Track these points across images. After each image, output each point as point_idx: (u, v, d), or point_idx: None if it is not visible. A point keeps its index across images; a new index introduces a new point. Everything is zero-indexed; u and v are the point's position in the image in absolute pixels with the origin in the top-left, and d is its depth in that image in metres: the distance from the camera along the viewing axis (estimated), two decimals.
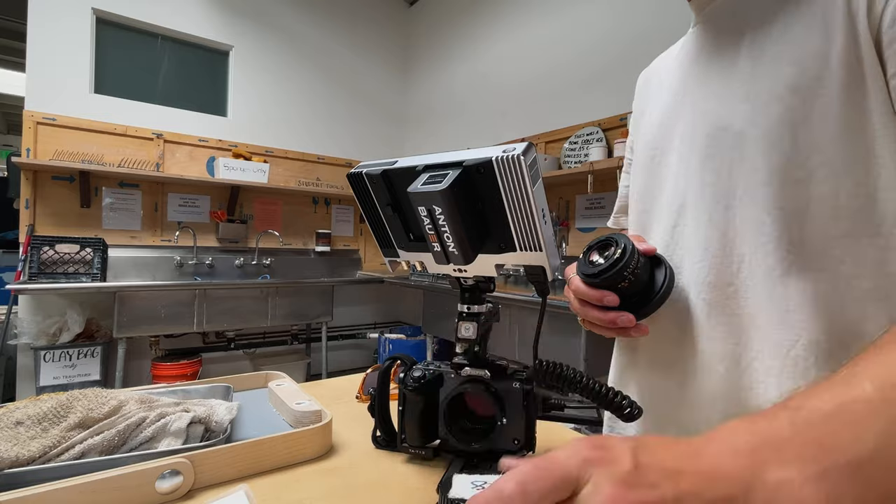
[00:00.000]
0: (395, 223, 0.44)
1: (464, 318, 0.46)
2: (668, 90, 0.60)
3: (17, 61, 5.40)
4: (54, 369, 2.45)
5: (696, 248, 0.51)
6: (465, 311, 0.47)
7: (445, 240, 0.38)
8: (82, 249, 2.60)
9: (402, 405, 0.49)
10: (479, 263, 0.41)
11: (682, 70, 0.58)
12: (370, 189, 0.44)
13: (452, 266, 0.42)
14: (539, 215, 0.37)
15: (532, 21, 3.06)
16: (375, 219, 0.46)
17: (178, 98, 3.22)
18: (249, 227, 3.42)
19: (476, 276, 0.44)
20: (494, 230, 0.39)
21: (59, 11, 2.76)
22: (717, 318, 0.49)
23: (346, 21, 3.94)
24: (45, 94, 2.72)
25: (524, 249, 0.39)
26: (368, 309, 4.03)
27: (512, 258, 0.40)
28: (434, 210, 0.36)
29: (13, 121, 6.96)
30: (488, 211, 0.38)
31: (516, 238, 0.38)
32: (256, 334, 3.42)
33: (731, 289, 0.48)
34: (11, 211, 2.82)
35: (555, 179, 2.64)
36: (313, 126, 3.77)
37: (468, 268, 0.41)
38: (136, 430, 0.50)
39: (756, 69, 0.47)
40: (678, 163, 0.55)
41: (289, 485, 0.47)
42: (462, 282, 0.46)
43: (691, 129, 0.53)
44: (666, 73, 0.62)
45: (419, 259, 0.45)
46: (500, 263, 0.41)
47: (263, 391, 0.75)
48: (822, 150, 0.42)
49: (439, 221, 0.37)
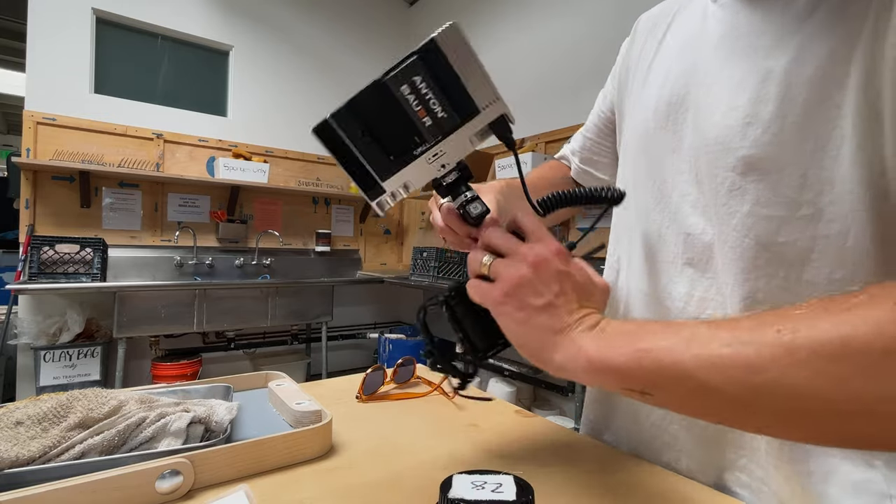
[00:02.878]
0: (372, 149, 0.44)
1: (468, 202, 0.47)
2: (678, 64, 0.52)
3: (17, 61, 5.40)
4: (54, 369, 2.45)
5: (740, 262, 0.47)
6: (464, 199, 0.47)
7: (433, 106, 0.42)
8: (82, 249, 2.60)
9: (456, 321, 0.47)
10: (455, 143, 0.44)
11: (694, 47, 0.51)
12: (339, 130, 0.44)
13: (436, 166, 0.45)
14: (485, 71, 0.42)
15: (532, 21, 3.06)
16: (353, 161, 0.45)
17: (178, 98, 3.22)
18: (249, 227, 3.42)
19: (458, 163, 0.46)
20: (459, 101, 0.43)
21: (59, 11, 2.76)
22: None
23: (347, 21, 3.94)
24: (45, 94, 2.72)
25: (485, 107, 0.43)
26: (368, 309, 4.03)
27: (479, 121, 0.43)
28: (415, 81, 0.41)
29: (13, 121, 6.96)
30: (447, 85, 0.42)
31: (476, 99, 0.43)
32: (256, 334, 3.42)
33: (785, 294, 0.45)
34: (11, 211, 2.82)
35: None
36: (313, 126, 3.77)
37: (447, 150, 0.44)
38: (136, 430, 0.50)
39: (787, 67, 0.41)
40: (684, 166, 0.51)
41: (289, 485, 0.47)
42: (446, 181, 0.47)
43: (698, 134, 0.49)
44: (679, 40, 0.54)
45: (404, 180, 0.45)
46: (471, 135, 0.44)
47: (263, 391, 0.75)
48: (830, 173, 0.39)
49: (422, 90, 0.41)
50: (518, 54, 3.15)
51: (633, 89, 0.60)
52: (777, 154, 0.41)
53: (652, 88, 0.55)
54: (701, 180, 0.48)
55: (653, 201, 0.54)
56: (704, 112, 0.47)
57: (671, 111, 0.52)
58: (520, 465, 0.53)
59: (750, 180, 0.43)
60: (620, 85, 0.64)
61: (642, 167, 0.56)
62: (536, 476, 0.50)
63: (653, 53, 0.58)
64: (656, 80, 0.55)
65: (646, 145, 0.56)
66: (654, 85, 0.55)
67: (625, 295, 0.59)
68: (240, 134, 3.42)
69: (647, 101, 0.55)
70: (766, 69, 0.42)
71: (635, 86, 0.60)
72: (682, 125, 0.51)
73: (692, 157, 0.49)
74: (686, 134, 0.50)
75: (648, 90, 0.56)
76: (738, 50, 0.45)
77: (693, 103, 0.49)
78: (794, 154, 0.40)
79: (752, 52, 0.44)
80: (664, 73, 0.54)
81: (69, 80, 2.80)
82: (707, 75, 0.48)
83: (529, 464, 0.53)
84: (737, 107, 0.44)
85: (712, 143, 0.46)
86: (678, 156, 0.51)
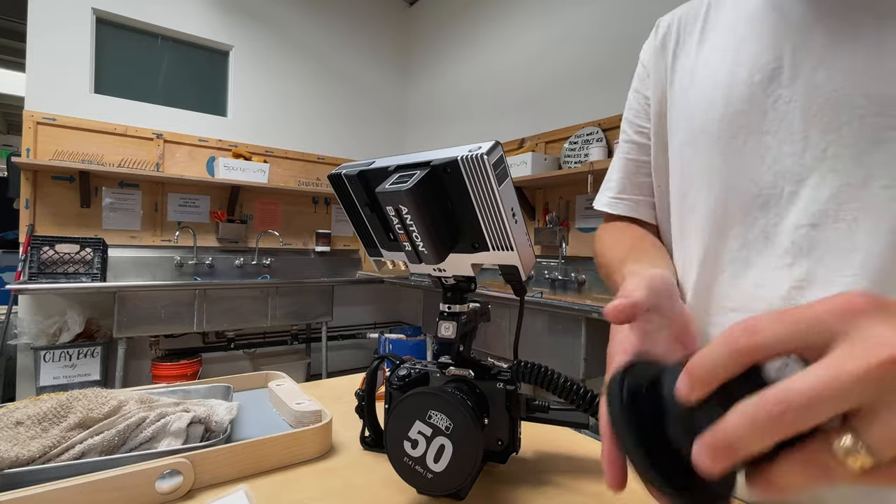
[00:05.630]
0: (374, 223, 0.43)
1: (444, 318, 0.46)
2: (753, 49, 0.47)
3: (17, 61, 5.40)
4: (54, 369, 2.45)
5: (845, 260, 0.39)
6: (445, 310, 0.46)
7: (415, 239, 0.38)
8: (82, 249, 2.60)
9: (388, 403, 0.48)
10: (454, 263, 0.41)
11: (778, 28, 0.45)
12: (350, 190, 0.43)
13: (431, 266, 0.42)
14: (508, 215, 0.37)
15: (532, 21, 3.06)
16: (358, 219, 0.45)
17: (178, 98, 3.22)
18: (249, 227, 3.42)
19: (456, 276, 0.43)
20: (467, 230, 0.39)
21: (59, 11, 2.76)
22: None
23: (346, 21, 3.94)
24: (45, 94, 2.72)
25: (496, 249, 0.38)
26: (368, 309, 4.03)
27: (486, 257, 0.39)
28: (401, 210, 0.37)
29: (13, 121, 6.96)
30: (459, 210, 0.38)
31: (488, 238, 0.38)
32: (256, 334, 3.42)
33: None
34: (11, 211, 2.82)
35: (555, 179, 2.65)
36: (313, 126, 3.77)
37: (445, 267, 0.41)
38: (136, 430, 0.50)
39: None
40: (808, 147, 0.42)
41: (289, 485, 0.47)
42: (443, 281, 0.45)
43: (832, 112, 0.41)
44: (742, 25, 0.49)
45: (402, 258, 0.44)
46: (476, 263, 0.40)
47: (263, 391, 0.75)
48: None
49: (407, 220, 0.37)
50: (518, 55, 3.15)
51: (688, 86, 0.53)
52: None
53: (730, 75, 0.48)
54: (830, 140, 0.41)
55: (745, 195, 0.46)
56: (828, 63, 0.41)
57: (757, 90, 0.45)
58: (522, 456, 0.52)
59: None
60: (660, 90, 0.58)
61: (716, 162, 0.49)
62: (537, 468, 0.50)
63: (700, 46, 0.53)
64: (730, 67, 0.48)
65: (729, 137, 0.48)
66: (732, 71, 0.48)
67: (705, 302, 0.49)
68: (240, 134, 3.42)
69: (728, 88, 0.48)
70: None
71: (689, 82, 0.53)
72: (779, 98, 0.44)
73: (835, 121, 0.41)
74: (796, 95, 0.43)
75: (703, 85, 0.51)
76: None
77: (796, 68, 0.43)
78: None
79: None
80: (738, 55, 0.48)
81: (69, 80, 2.80)
82: (805, 47, 0.42)
83: (526, 452, 0.53)
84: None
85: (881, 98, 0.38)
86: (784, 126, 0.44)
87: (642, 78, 0.61)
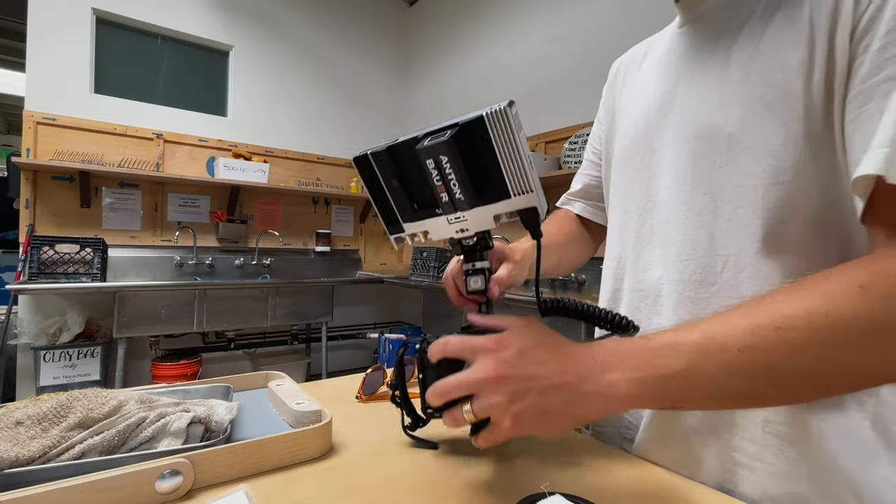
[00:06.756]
0: (399, 195, 0.47)
1: (471, 274, 0.50)
2: (655, 87, 0.60)
3: (17, 61, 5.40)
4: (54, 369, 2.45)
5: (681, 247, 0.54)
6: (471, 267, 0.50)
7: (452, 187, 0.43)
8: (82, 249, 2.60)
9: (422, 373, 0.50)
10: (478, 216, 0.45)
11: (669, 70, 0.58)
12: (376, 168, 0.47)
13: (455, 228, 0.46)
14: (527, 160, 0.41)
15: (532, 21, 3.06)
16: (381, 198, 0.49)
17: (178, 98, 3.22)
18: (249, 227, 3.42)
19: (477, 232, 0.47)
20: (490, 182, 0.43)
21: (59, 11, 2.76)
22: (700, 314, 0.51)
23: (346, 21, 3.94)
24: (45, 94, 2.72)
25: (517, 194, 0.43)
26: (368, 309, 4.03)
27: (507, 206, 0.44)
28: (441, 160, 0.42)
29: (13, 121, 6.96)
30: (483, 164, 0.43)
31: (510, 185, 0.42)
32: (256, 334, 3.42)
33: (714, 287, 0.51)
34: (11, 211, 2.82)
35: (555, 179, 2.64)
36: (313, 126, 3.77)
37: (469, 218, 0.45)
38: (136, 430, 0.50)
39: (747, 75, 0.48)
40: (667, 162, 0.56)
41: (289, 485, 0.47)
42: (464, 242, 0.49)
43: (682, 130, 0.54)
44: (651, 68, 0.63)
45: (423, 229, 0.48)
46: (497, 214, 0.44)
47: (263, 391, 0.75)
48: (802, 158, 0.45)
49: (446, 170, 0.42)
50: (518, 55, 3.15)
51: (620, 117, 0.67)
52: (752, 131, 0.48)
53: (638, 108, 0.62)
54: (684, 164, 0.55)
55: (639, 202, 0.61)
56: (686, 109, 0.55)
57: (657, 116, 0.59)
58: (518, 461, 0.53)
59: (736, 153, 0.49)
60: (608, 120, 0.72)
61: (633, 172, 0.63)
62: (534, 474, 0.50)
63: (632, 84, 0.66)
64: (640, 102, 0.62)
65: (633, 154, 0.62)
66: (640, 105, 0.62)
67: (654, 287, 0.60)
68: (240, 134, 3.42)
69: (635, 118, 0.62)
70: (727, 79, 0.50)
71: (621, 114, 0.67)
72: (664, 128, 0.58)
73: (679, 147, 0.55)
74: (667, 133, 0.57)
75: (635, 111, 0.63)
76: (701, 63, 0.54)
77: (675, 105, 0.57)
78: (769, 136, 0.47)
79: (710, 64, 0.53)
80: (646, 92, 0.62)
81: (69, 80, 2.80)
82: (680, 84, 0.56)
83: (528, 460, 0.53)
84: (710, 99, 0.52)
85: (699, 128, 0.53)
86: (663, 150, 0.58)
87: (600, 110, 0.76)
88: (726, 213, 0.49)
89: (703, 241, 0.51)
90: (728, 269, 0.49)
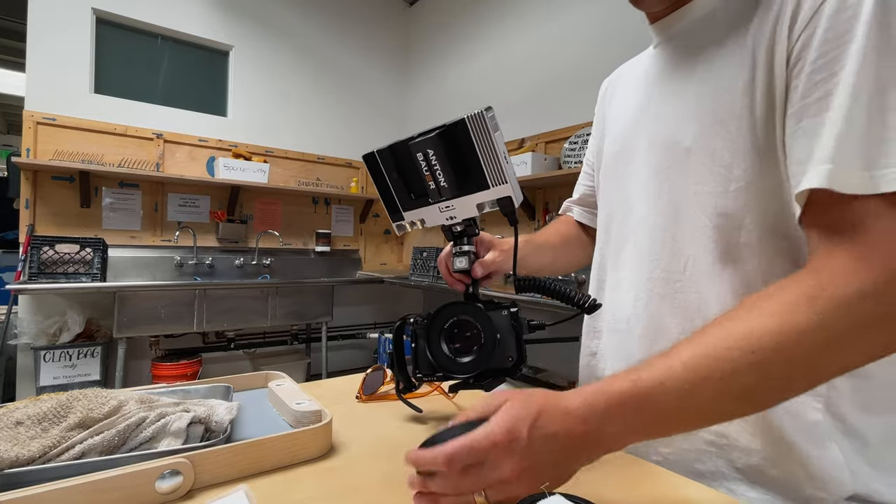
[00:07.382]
0: (399, 185, 0.56)
1: (458, 255, 0.59)
2: (633, 103, 0.66)
3: (17, 61, 5.40)
4: (54, 369, 2.45)
5: (649, 248, 0.60)
6: (458, 249, 0.59)
7: (438, 176, 0.52)
8: (82, 249, 2.60)
9: (414, 341, 0.58)
10: (462, 206, 0.53)
11: (646, 86, 0.64)
12: (380, 162, 0.55)
13: (446, 216, 0.55)
14: (503, 155, 0.49)
15: (532, 21, 3.06)
16: (385, 189, 0.57)
17: (178, 98, 3.22)
18: (249, 227, 3.42)
19: (464, 220, 0.55)
20: (472, 174, 0.51)
21: (59, 11, 2.76)
22: (668, 308, 0.58)
23: (346, 21, 3.94)
24: (45, 94, 2.72)
25: (495, 185, 0.50)
26: (368, 309, 4.03)
27: (487, 195, 0.51)
28: (428, 153, 0.51)
29: (13, 121, 6.96)
30: (465, 158, 0.50)
31: (488, 176, 0.50)
32: (256, 334, 3.42)
33: (678, 284, 0.57)
34: (11, 211, 2.82)
35: (555, 179, 2.64)
36: (313, 126, 3.77)
37: (456, 207, 0.53)
38: (136, 430, 0.50)
39: (701, 93, 0.54)
40: (638, 172, 0.63)
41: (289, 485, 0.47)
42: (453, 229, 0.57)
43: (651, 143, 0.61)
44: (631, 86, 0.69)
45: (420, 217, 0.56)
46: (480, 203, 0.52)
47: (263, 391, 0.75)
48: (751, 168, 0.49)
49: (433, 162, 0.51)
50: (518, 55, 3.14)
51: (608, 131, 0.74)
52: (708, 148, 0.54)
53: (619, 122, 0.69)
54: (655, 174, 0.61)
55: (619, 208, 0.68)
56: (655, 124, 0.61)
57: (633, 130, 0.65)
58: None
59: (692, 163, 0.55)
60: (599, 134, 0.79)
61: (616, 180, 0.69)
62: None
63: (616, 101, 0.73)
64: (622, 116, 0.69)
65: (615, 165, 0.69)
66: (620, 120, 0.69)
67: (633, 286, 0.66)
68: (240, 134, 3.42)
69: (616, 132, 0.69)
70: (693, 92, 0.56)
71: (608, 128, 0.74)
72: (638, 140, 0.63)
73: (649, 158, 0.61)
74: (641, 146, 0.63)
75: (616, 125, 0.70)
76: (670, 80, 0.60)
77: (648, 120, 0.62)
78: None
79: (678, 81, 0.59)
80: (626, 108, 0.68)
81: (69, 80, 2.79)
82: (651, 100, 0.62)
83: None
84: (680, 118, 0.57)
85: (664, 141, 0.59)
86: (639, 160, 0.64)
87: (594, 125, 0.83)
88: (685, 218, 0.55)
89: (668, 243, 0.58)
90: (689, 268, 0.55)
